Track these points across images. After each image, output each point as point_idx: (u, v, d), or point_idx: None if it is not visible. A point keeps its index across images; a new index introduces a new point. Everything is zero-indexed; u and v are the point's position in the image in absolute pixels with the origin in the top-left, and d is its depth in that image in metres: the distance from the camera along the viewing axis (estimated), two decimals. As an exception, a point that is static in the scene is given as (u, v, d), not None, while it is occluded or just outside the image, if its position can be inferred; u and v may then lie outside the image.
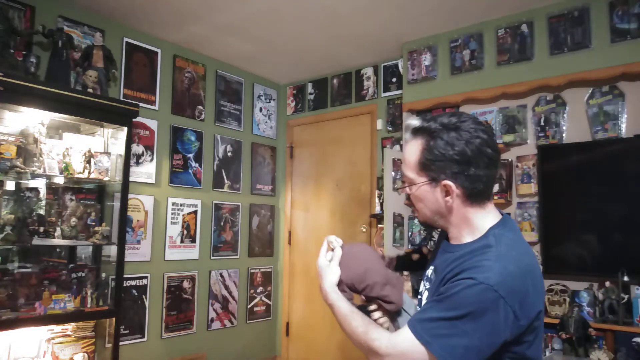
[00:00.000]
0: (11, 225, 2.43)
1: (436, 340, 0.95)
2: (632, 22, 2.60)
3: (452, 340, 0.94)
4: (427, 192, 1.08)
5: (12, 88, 2.34)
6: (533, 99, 3.00)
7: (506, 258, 0.98)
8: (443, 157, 1.03)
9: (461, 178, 1.03)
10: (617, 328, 2.46)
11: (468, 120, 1.05)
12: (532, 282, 0.99)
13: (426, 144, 1.05)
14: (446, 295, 0.98)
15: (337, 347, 3.97)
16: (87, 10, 3.11)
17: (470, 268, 0.98)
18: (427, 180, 1.07)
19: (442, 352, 0.94)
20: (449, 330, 0.95)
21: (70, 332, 2.70)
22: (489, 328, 0.94)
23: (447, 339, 0.95)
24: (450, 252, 1.10)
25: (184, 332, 3.57)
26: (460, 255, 1.04)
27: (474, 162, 1.02)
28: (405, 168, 1.11)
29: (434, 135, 1.04)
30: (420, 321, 1.00)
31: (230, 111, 4.07)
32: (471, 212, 1.07)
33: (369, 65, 3.98)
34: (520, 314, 0.95)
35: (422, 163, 1.06)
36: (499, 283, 0.94)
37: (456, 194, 1.05)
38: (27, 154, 2.53)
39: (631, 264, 2.45)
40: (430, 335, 0.96)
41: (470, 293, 0.94)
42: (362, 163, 3.98)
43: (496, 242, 1.02)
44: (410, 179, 1.10)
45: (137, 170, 3.32)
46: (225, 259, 3.94)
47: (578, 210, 2.71)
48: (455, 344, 0.94)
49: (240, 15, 3.14)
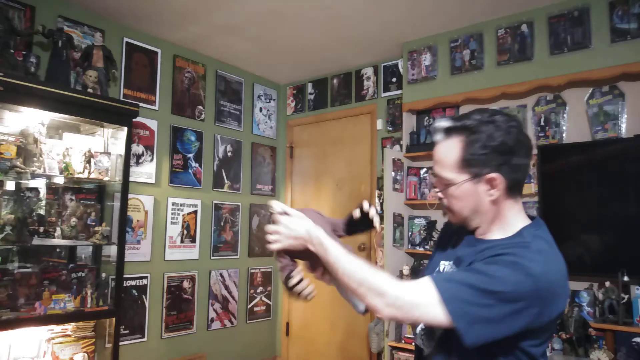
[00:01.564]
0: (11, 225, 2.43)
1: (455, 303, 0.93)
2: (632, 22, 2.60)
3: (473, 308, 0.93)
4: (469, 190, 1.06)
5: (12, 88, 2.34)
6: (533, 99, 3.01)
7: (548, 255, 1.00)
8: (486, 150, 1.03)
9: (504, 169, 1.04)
10: (617, 328, 2.46)
11: (498, 113, 1.07)
12: (563, 284, 1.01)
13: (466, 140, 1.05)
14: (482, 269, 0.96)
15: (337, 347, 3.96)
16: (87, 10, 3.11)
17: (516, 254, 0.97)
18: (469, 178, 1.05)
19: (456, 316, 0.92)
20: (473, 299, 0.93)
21: (70, 332, 2.70)
22: (514, 314, 0.93)
23: (467, 305, 0.93)
24: (476, 246, 1.09)
25: (184, 332, 3.57)
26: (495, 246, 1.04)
27: (515, 151, 1.04)
28: (442, 169, 1.08)
29: (472, 130, 1.05)
30: (447, 280, 0.97)
31: (230, 111, 4.07)
32: (507, 207, 1.08)
33: (369, 65, 3.98)
34: (546, 312, 0.96)
35: (465, 160, 1.05)
36: (540, 275, 0.94)
37: (500, 187, 1.05)
38: (27, 154, 2.53)
39: (631, 264, 2.45)
40: (451, 296, 0.94)
41: (511, 273, 0.93)
42: (362, 163, 3.98)
43: (533, 240, 1.03)
44: (450, 179, 1.07)
45: (137, 170, 3.32)
46: (225, 259, 3.94)
47: (578, 210, 2.71)
48: (473, 313, 0.92)
49: (240, 15, 3.14)
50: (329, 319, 4.02)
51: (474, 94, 3.14)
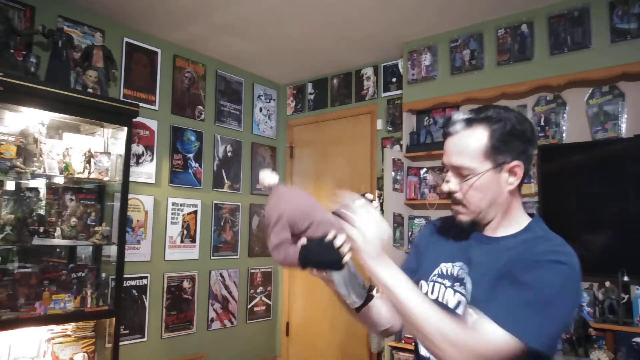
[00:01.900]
0: (11, 225, 2.43)
1: (527, 332, 0.91)
2: (632, 22, 2.60)
3: (545, 329, 0.92)
4: (490, 179, 1.05)
5: (12, 88, 2.34)
6: (533, 99, 3.00)
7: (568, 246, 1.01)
8: (512, 137, 1.05)
9: (523, 157, 1.06)
10: (617, 328, 2.46)
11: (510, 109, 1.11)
12: None
13: (490, 128, 1.05)
14: (530, 280, 0.94)
15: (337, 347, 3.96)
16: (87, 10, 3.11)
17: (551, 252, 0.98)
18: (492, 166, 1.05)
19: (533, 342, 0.91)
20: (541, 319, 0.92)
21: (70, 332, 2.70)
22: (570, 312, 0.97)
23: (539, 329, 0.92)
24: (490, 244, 1.09)
25: (184, 332, 3.57)
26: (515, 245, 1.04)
27: (532, 141, 1.07)
28: (464, 159, 1.05)
29: (496, 120, 1.06)
30: (507, 311, 0.93)
31: (230, 111, 4.07)
32: (516, 200, 1.10)
33: (369, 65, 3.98)
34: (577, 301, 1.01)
35: (493, 146, 1.04)
36: (578, 268, 0.97)
37: (520, 175, 1.07)
38: (27, 154, 2.53)
39: (631, 264, 2.45)
40: (520, 328, 0.91)
41: (556, 274, 0.94)
42: (362, 163, 3.98)
43: (547, 233, 1.05)
44: (472, 168, 1.05)
45: (137, 170, 3.32)
46: (225, 259, 3.94)
47: (578, 210, 2.71)
48: (546, 332, 0.93)
49: (240, 15, 3.14)
50: (329, 319, 4.02)
51: (474, 94, 3.14)
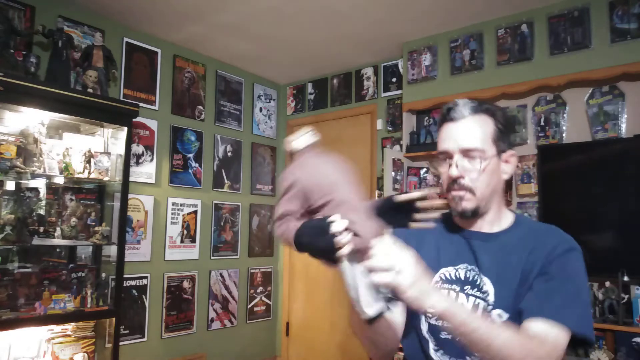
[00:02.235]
0: (11, 225, 2.43)
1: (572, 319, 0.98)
2: (632, 22, 2.60)
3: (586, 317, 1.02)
4: (495, 165, 1.09)
5: (12, 88, 2.34)
6: (533, 99, 3.00)
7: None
8: (507, 129, 1.12)
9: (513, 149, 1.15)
10: (617, 328, 2.46)
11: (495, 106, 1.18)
12: None
13: (492, 117, 1.09)
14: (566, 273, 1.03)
15: (337, 347, 3.96)
16: (87, 10, 3.11)
17: (563, 241, 1.05)
18: (496, 153, 1.08)
19: (581, 329, 0.98)
20: (583, 307, 1.02)
21: (70, 332, 2.69)
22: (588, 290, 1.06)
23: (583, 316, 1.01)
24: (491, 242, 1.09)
25: (184, 332, 3.57)
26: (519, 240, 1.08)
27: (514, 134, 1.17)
28: (476, 141, 1.05)
29: (495, 111, 1.11)
30: (558, 309, 0.98)
31: (230, 111, 4.07)
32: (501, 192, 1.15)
33: (369, 65, 3.98)
34: None
35: (500, 132, 1.09)
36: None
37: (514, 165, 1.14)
38: (27, 154, 2.53)
39: (631, 264, 2.45)
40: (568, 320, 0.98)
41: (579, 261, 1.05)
42: (362, 163, 3.97)
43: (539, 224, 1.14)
44: (485, 150, 1.06)
45: (137, 170, 3.32)
46: (225, 259, 3.94)
47: (578, 210, 2.71)
48: (587, 318, 1.02)
49: (240, 15, 3.14)
50: (329, 319, 4.02)
51: (474, 94, 3.13)
